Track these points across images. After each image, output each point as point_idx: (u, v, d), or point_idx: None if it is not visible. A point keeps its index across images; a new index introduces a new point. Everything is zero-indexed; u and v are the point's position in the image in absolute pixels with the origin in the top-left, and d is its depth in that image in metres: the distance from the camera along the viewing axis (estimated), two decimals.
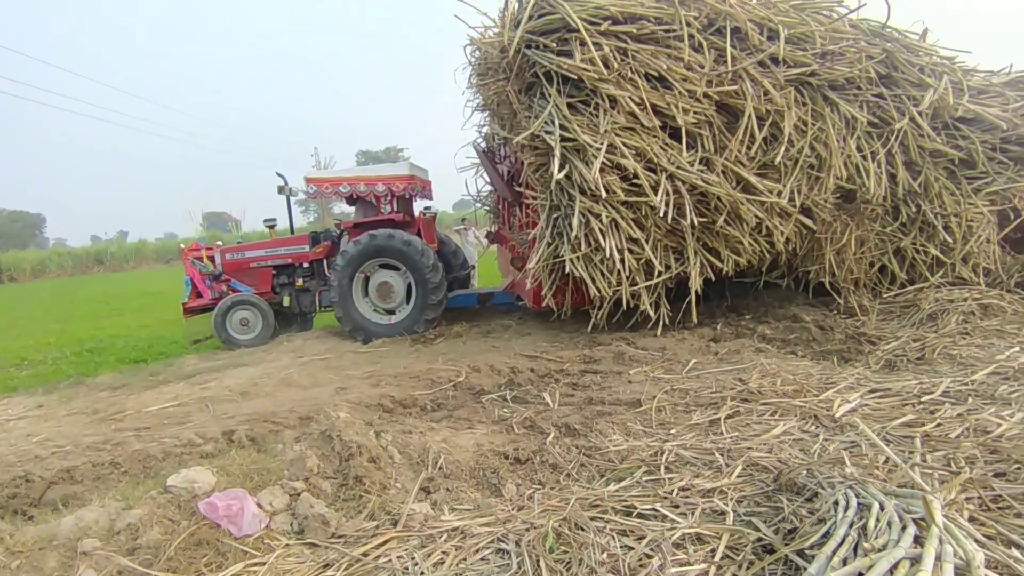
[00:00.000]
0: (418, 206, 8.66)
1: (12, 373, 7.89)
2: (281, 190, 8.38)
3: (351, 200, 8.20)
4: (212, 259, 8.25)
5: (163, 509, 2.58)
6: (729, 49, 5.42)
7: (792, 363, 4.70)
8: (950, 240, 6.31)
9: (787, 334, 5.60)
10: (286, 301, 8.24)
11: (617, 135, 5.20)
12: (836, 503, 2.10)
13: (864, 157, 5.91)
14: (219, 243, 8.68)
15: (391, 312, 7.57)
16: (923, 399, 3.53)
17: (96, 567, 2.25)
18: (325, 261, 8.03)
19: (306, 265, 8.14)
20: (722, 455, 3.00)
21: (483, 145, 8.29)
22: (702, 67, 5.38)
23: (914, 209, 6.35)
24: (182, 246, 8.44)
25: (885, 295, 6.41)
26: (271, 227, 8.66)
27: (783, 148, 5.49)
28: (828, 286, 6.34)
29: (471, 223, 11.34)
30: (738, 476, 2.75)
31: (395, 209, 8.06)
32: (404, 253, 7.28)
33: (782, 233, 5.69)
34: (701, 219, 5.41)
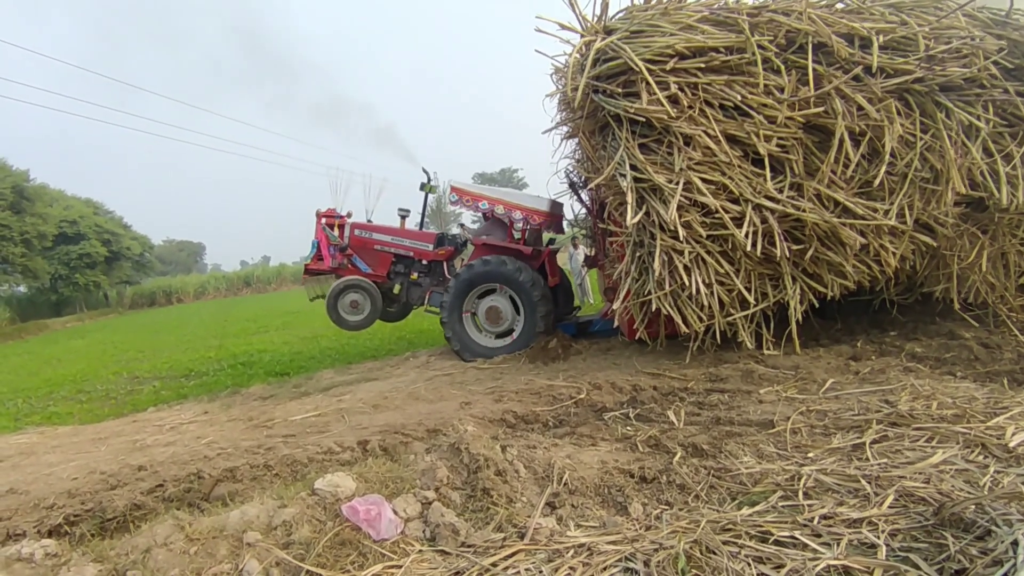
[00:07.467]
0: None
1: (183, 383, 9.05)
2: (423, 186, 8.74)
3: (486, 217, 8.42)
4: (342, 228, 8.50)
5: (312, 509, 2.82)
6: (811, 68, 5.03)
7: (950, 385, 4.22)
8: None
9: (942, 352, 5.04)
10: (396, 289, 8.56)
11: (694, 170, 4.98)
12: (1016, 543, 1.86)
13: (995, 162, 5.23)
14: (351, 213, 8.76)
15: (501, 335, 7.70)
16: None
17: (258, 557, 2.50)
18: (445, 264, 8.34)
19: (425, 262, 8.41)
20: (869, 483, 2.76)
21: (574, 173, 8.18)
22: (781, 90, 5.04)
23: None
24: (319, 209, 8.57)
25: None
26: (403, 217, 8.82)
27: (884, 166, 5.01)
28: (959, 305, 5.65)
29: (580, 241, 11.32)
30: (889, 507, 2.51)
31: (525, 239, 8.16)
32: (511, 277, 7.42)
33: (894, 253, 5.20)
34: (797, 246, 5.08)
